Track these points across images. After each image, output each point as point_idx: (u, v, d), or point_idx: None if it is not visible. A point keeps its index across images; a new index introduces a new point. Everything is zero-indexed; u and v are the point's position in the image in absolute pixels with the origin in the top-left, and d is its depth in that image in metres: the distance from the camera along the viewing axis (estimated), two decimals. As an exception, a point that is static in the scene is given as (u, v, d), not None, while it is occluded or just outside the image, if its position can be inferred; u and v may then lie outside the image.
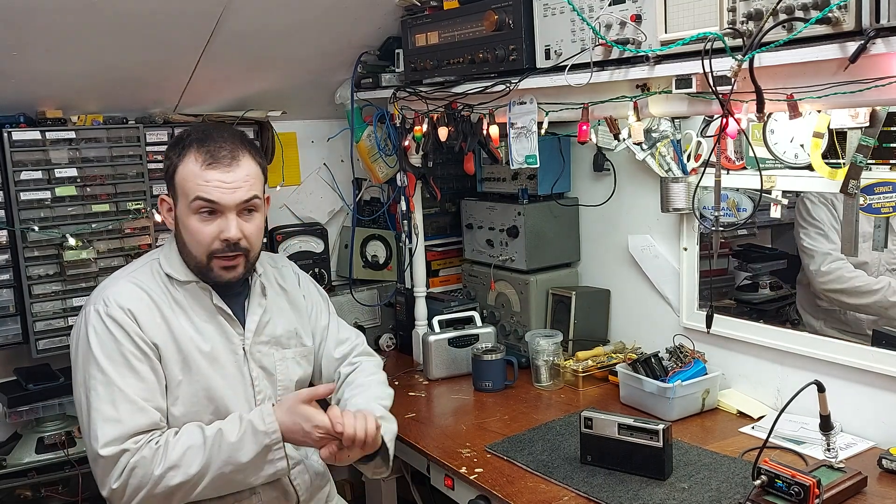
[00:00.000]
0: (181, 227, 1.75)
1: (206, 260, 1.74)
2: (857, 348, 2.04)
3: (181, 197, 1.73)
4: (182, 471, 1.65)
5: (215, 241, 1.72)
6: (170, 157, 1.76)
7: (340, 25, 2.49)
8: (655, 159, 2.33)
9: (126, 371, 1.68)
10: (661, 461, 1.86)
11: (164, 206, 1.80)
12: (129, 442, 1.65)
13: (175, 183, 1.73)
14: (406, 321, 2.97)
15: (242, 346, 1.85)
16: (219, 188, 1.70)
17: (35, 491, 2.32)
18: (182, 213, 1.73)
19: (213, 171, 1.70)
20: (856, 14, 1.37)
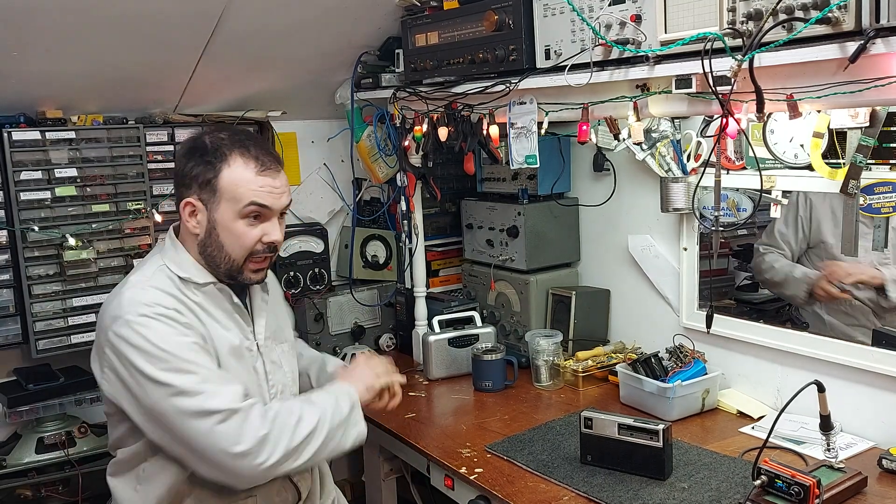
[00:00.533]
0: (220, 229, 1.74)
1: (242, 262, 1.77)
2: (857, 348, 2.05)
3: (226, 201, 1.72)
4: (306, 422, 1.69)
5: (257, 243, 1.76)
6: (207, 161, 1.73)
7: (340, 25, 2.49)
8: (655, 159, 2.33)
9: (202, 352, 1.68)
10: (661, 461, 1.86)
11: (188, 210, 1.75)
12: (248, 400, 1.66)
13: (218, 187, 1.72)
14: (406, 321, 2.98)
15: (256, 343, 1.87)
16: (270, 193, 1.75)
17: (35, 491, 2.32)
18: (224, 217, 1.72)
19: (265, 176, 1.74)
20: (856, 14, 1.37)
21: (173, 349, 1.63)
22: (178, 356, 1.63)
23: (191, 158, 1.74)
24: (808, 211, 2.40)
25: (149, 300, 1.67)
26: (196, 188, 1.73)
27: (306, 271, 2.88)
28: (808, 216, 2.41)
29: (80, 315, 2.44)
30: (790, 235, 2.46)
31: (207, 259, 1.77)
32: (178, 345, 1.64)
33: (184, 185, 1.75)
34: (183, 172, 1.75)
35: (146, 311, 1.65)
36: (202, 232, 1.75)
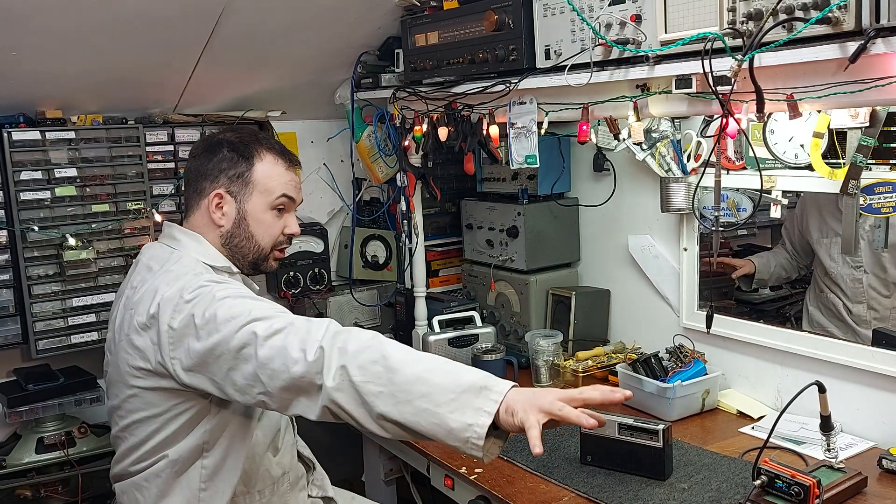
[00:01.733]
0: (251, 219, 1.82)
1: (269, 251, 1.87)
2: (858, 348, 2.05)
3: (258, 193, 1.82)
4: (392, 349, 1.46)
5: (280, 234, 1.88)
6: (241, 156, 1.81)
7: (340, 25, 2.49)
8: (655, 159, 2.33)
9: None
10: (661, 461, 1.86)
11: (216, 201, 1.80)
12: None
13: (252, 180, 1.81)
14: (406, 321, 2.97)
15: None
16: (295, 188, 1.89)
17: (35, 491, 2.32)
18: (256, 209, 1.82)
19: (292, 172, 1.89)
20: (856, 14, 1.36)
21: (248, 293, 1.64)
22: (252, 296, 1.63)
23: (216, 153, 1.81)
24: (802, 206, 2.42)
25: (212, 277, 1.70)
26: (225, 181, 1.80)
27: (306, 271, 2.88)
28: (801, 214, 2.43)
29: (80, 315, 2.44)
30: (791, 231, 2.48)
31: (232, 249, 1.84)
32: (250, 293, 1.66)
33: (208, 179, 1.81)
34: (208, 167, 1.81)
35: (210, 278, 1.68)
36: (229, 223, 1.82)
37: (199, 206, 1.82)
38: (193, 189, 1.83)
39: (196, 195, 1.82)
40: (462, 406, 1.37)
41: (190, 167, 1.86)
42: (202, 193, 1.81)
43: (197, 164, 1.83)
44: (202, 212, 1.81)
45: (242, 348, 1.51)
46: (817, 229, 2.38)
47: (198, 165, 1.83)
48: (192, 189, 1.84)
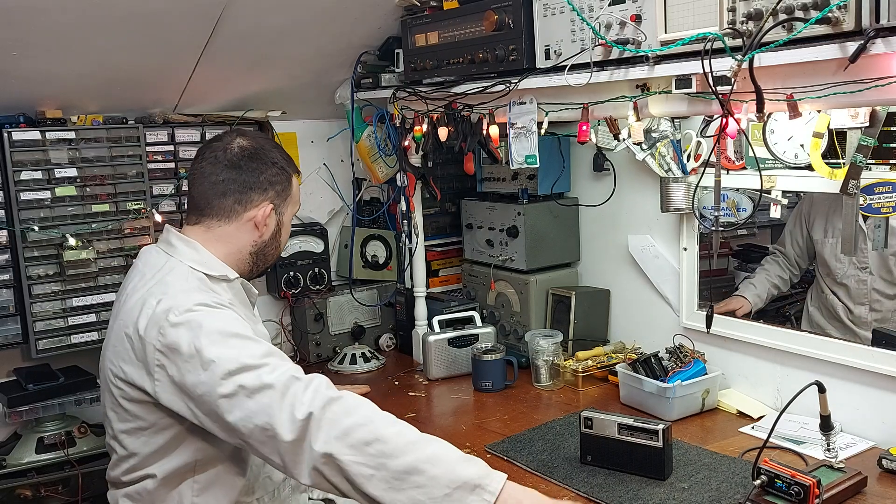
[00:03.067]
0: (284, 230, 1.90)
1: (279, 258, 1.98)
2: (857, 348, 2.04)
3: (292, 205, 1.90)
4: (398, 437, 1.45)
5: None
6: (283, 170, 1.84)
7: (340, 25, 2.49)
8: (655, 159, 2.33)
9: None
10: (660, 461, 1.86)
11: (264, 213, 1.80)
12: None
13: (291, 193, 1.87)
14: (406, 321, 2.98)
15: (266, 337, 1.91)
16: None
17: (35, 491, 2.32)
18: (287, 220, 1.90)
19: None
20: (856, 14, 1.37)
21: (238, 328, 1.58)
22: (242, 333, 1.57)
23: (266, 165, 1.81)
24: (809, 208, 2.42)
25: (202, 298, 1.63)
26: (273, 194, 1.82)
27: (306, 271, 2.88)
28: (808, 213, 2.42)
29: (80, 315, 2.44)
30: (798, 234, 2.47)
31: (260, 257, 1.86)
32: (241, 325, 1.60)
33: (257, 190, 1.79)
34: (259, 179, 1.79)
35: (209, 301, 1.61)
36: (268, 234, 1.84)
37: (239, 216, 1.77)
38: (236, 200, 1.76)
39: (238, 206, 1.76)
40: (455, 503, 1.40)
41: (231, 178, 1.76)
42: (247, 204, 1.76)
43: (243, 175, 1.76)
44: (241, 222, 1.77)
45: (227, 397, 1.48)
46: (823, 230, 2.37)
47: (245, 177, 1.77)
48: (234, 199, 1.76)
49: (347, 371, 2.81)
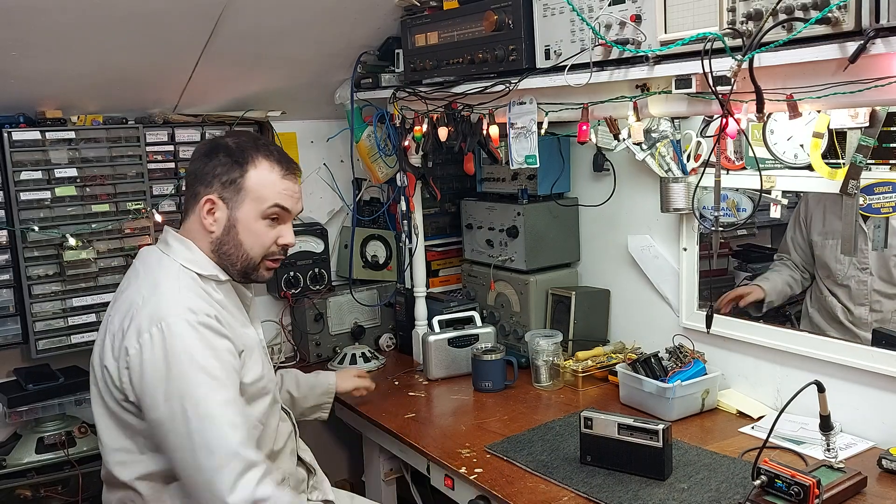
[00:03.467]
0: (240, 228, 1.77)
1: (259, 261, 1.81)
2: (857, 348, 2.04)
3: (250, 201, 1.76)
4: None
5: (273, 244, 1.82)
6: (235, 161, 1.76)
7: (340, 25, 2.49)
8: (655, 159, 2.33)
9: (226, 377, 1.65)
10: (660, 461, 1.86)
11: (207, 207, 1.77)
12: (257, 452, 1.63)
13: (244, 187, 1.76)
14: (406, 321, 2.98)
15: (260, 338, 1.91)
16: (291, 197, 1.81)
17: (35, 491, 2.32)
18: (247, 217, 1.77)
19: (289, 181, 1.81)
20: (855, 14, 1.37)
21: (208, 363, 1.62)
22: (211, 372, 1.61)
23: (213, 157, 1.77)
24: (806, 212, 2.41)
25: (194, 305, 1.66)
26: (218, 186, 1.76)
27: (306, 271, 2.88)
28: (806, 217, 2.42)
29: (80, 315, 2.44)
30: (799, 238, 2.46)
31: (222, 256, 1.80)
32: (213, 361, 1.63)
33: (203, 183, 1.77)
34: (204, 171, 1.77)
35: (190, 319, 1.63)
36: (219, 230, 1.78)
37: (193, 210, 1.79)
38: (190, 193, 1.81)
39: (192, 199, 1.79)
40: None
41: (188, 170, 1.84)
42: (196, 198, 1.77)
43: (194, 167, 1.80)
44: (196, 216, 1.78)
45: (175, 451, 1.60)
46: (821, 231, 2.37)
47: (195, 169, 1.80)
48: (189, 192, 1.81)
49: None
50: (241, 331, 1.79)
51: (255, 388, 1.77)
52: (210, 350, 1.63)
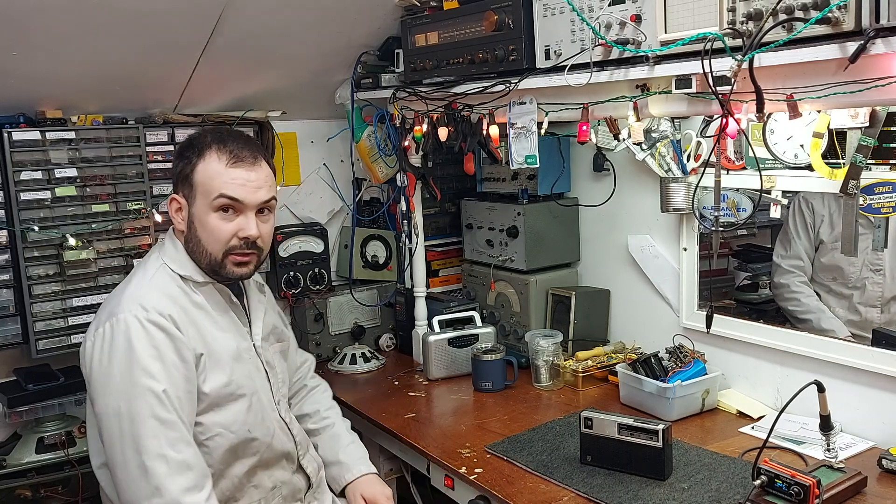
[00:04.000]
0: (197, 224, 1.75)
1: (221, 257, 1.76)
2: (857, 348, 2.04)
3: (200, 195, 1.73)
4: None
5: (233, 238, 1.75)
6: (186, 156, 1.75)
7: (340, 25, 2.49)
8: (655, 159, 2.33)
9: (167, 379, 1.65)
10: (660, 461, 1.86)
11: (174, 206, 1.78)
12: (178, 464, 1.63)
13: (194, 181, 1.73)
14: (406, 321, 2.97)
15: (253, 343, 1.89)
16: (243, 186, 1.73)
17: (35, 491, 2.32)
18: (200, 211, 1.74)
19: (237, 169, 1.73)
20: (856, 14, 1.36)
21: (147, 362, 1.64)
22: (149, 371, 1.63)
23: (178, 156, 1.80)
24: (812, 215, 2.40)
25: (148, 302, 1.68)
26: (179, 184, 1.77)
27: (306, 271, 2.88)
28: (814, 220, 2.40)
29: (80, 315, 2.44)
30: (807, 244, 2.44)
31: (192, 255, 1.79)
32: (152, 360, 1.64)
33: (173, 183, 1.82)
34: (174, 170, 1.81)
35: (140, 315, 1.66)
36: (185, 228, 1.78)
37: (168, 209, 1.81)
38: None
39: None
40: None
41: None
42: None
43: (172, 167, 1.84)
44: (171, 215, 1.81)
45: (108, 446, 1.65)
46: (832, 235, 2.35)
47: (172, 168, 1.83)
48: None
49: (347, 371, 2.81)
50: (215, 335, 1.78)
51: (219, 396, 1.75)
52: (153, 349, 1.64)
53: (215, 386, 1.75)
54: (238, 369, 1.80)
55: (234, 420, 1.77)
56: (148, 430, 1.60)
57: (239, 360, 1.82)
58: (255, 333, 1.90)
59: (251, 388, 1.82)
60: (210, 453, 1.74)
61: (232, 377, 1.78)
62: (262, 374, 1.89)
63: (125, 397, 1.62)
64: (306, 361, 2.24)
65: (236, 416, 1.78)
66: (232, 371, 1.78)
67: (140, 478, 1.59)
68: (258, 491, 1.85)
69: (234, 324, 1.85)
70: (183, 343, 1.68)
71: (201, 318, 1.77)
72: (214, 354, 1.76)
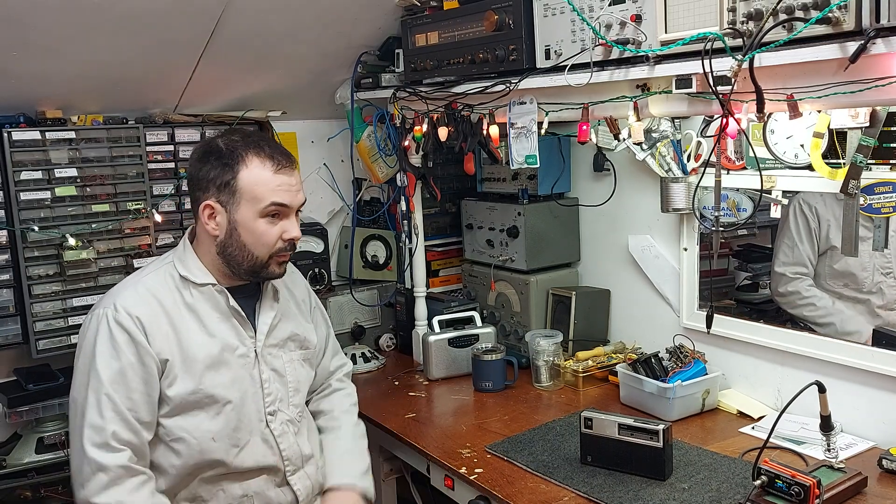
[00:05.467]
0: (242, 230, 1.77)
1: (266, 259, 1.81)
2: (857, 348, 2.04)
3: (246, 202, 1.76)
4: None
5: (279, 241, 1.80)
6: (223, 163, 1.76)
7: (340, 25, 2.49)
8: (655, 159, 2.33)
9: (119, 380, 1.69)
10: (661, 461, 1.86)
11: (207, 212, 1.78)
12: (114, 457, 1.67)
13: (237, 188, 1.75)
14: (406, 321, 2.97)
15: (254, 349, 1.87)
16: (288, 191, 1.79)
17: (35, 491, 2.32)
18: (245, 217, 1.76)
19: (282, 175, 1.78)
20: (856, 14, 1.36)
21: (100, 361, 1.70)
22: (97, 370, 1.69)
23: (206, 162, 1.78)
24: (816, 221, 2.39)
25: (121, 302, 1.75)
26: (214, 191, 1.77)
27: (306, 271, 2.87)
28: (818, 225, 2.39)
29: (80, 315, 2.44)
30: (809, 250, 2.41)
31: (228, 259, 1.81)
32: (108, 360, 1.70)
33: (200, 189, 1.79)
34: (199, 176, 1.78)
35: (110, 314, 1.73)
36: (222, 233, 1.79)
37: (197, 215, 1.81)
38: (192, 197, 1.83)
39: (193, 203, 1.82)
40: None
41: (187, 174, 1.86)
42: (196, 203, 1.80)
43: (191, 172, 1.82)
44: (201, 222, 1.81)
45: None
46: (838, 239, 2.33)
47: (192, 174, 1.81)
48: (191, 197, 1.83)
49: (347, 371, 2.81)
50: (195, 339, 1.78)
51: (183, 402, 1.76)
52: (112, 349, 1.70)
53: (180, 392, 1.75)
54: (212, 376, 1.78)
55: (198, 427, 1.77)
56: (82, 427, 1.68)
57: (218, 366, 1.79)
58: (259, 339, 1.87)
59: (229, 396, 1.80)
60: (176, 454, 1.76)
61: (200, 385, 1.77)
62: (256, 382, 1.85)
63: (80, 388, 1.71)
64: (342, 367, 2.20)
65: (200, 423, 1.77)
66: (202, 379, 1.77)
67: (77, 468, 1.69)
68: (225, 496, 1.82)
69: (233, 328, 1.83)
70: (144, 347, 1.72)
71: (186, 321, 1.78)
72: (187, 360, 1.76)
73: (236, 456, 1.81)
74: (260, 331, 1.88)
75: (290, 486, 1.89)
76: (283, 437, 1.88)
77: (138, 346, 1.71)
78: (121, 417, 1.68)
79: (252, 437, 1.83)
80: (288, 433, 1.89)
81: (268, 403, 1.87)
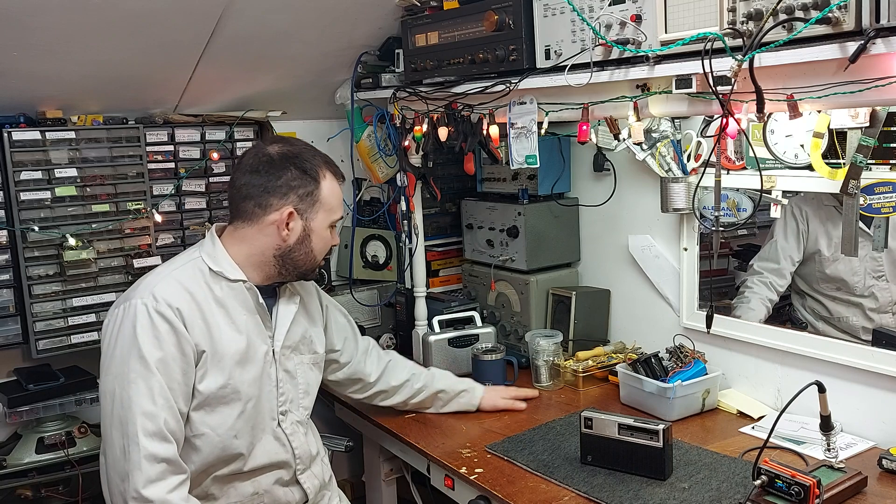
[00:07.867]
0: (314, 237, 1.88)
1: (321, 262, 1.96)
2: (857, 348, 2.05)
3: (324, 212, 1.88)
4: None
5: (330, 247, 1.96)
6: (309, 174, 1.85)
7: (340, 25, 2.49)
8: (655, 159, 2.33)
9: (163, 369, 1.70)
10: (661, 461, 1.86)
11: (290, 219, 1.84)
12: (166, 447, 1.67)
13: (320, 199, 1.86)
14: (406, 321, 2.97)
15: (272, 349, 1.89)
16: (342, 204, 1.97)
17: (35, 491, 2.32)
18: (319, 226, 1.88)
19: (341, 189, 1.96)
20: (856, 14, 1.37)
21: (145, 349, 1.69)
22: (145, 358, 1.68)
23: (286, 170, 1.83)
24: (805, 224, 2.39)
25: (160, 293, 1.74)
26: (295, 199, 1.83)
27: (306, 271, 2.87)
28: (807, 229, 2.40)
29: (80, 315, 2.44)
30: (792, 249, 2.42)
31: (286, 261, 1.86)
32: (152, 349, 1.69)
33: (276, 195, 1.83)
34: (276, 184, 1.83)
35: (149, 304, 1.72)
36: (294, 239, 1.85)
37: (260, 219, 1.83)
38: (256, 203, 1.83)
39: (259, 209, 1.83)
40: None
41: (251, 182, 1.83)
42: (268, 209, 1.82)
43: (261, 179, 1.82)
44: (263, 225, 1.83)
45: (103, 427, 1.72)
46: (831, 245, 2.34)
47: (262, 181, 1.82)
48: (254, 203, 1.83)
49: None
50: (226, 334, 1.79)
51: (212, 396, 1.77)
52: (155, 339, 1.70)
53: (211, 386, 1.76)
54: (240, 373, 1.81)
55: (222, 423, 1.79)
56: (133, 416, 1.65)
57: (245, 363, 1.82)
58: (277, 339, 1.90)
59: (250, 393, 1.83)
60: (195, 450, 1.77)
61: (229, 380, 1.79)
62: (272, 381, 1.89)
63: (120, 381, 1.68)
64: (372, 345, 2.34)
65: (225, 419, 1.79)
66: (231, 374, 1.79)
67: (121, 459, 1.65)
68: (237, 493, 1.85)
69: (257, 326, 1.86)
70: (185, 338, 1.73)
71: (217, 315, 1.80)
72: (218, 354, 1.78)
73: (251, 453, 1.84)
74: (279, 331, 1.91)
75: (300, 485, 1.94)
76: (294, 436, 1.93)
77: (179, 337, 1.72)
78: (168, 405, 1.69)
79: (265, 435, 1.87)
80: (298, 432, 1.94)
81: (280, 403, 1.91)
